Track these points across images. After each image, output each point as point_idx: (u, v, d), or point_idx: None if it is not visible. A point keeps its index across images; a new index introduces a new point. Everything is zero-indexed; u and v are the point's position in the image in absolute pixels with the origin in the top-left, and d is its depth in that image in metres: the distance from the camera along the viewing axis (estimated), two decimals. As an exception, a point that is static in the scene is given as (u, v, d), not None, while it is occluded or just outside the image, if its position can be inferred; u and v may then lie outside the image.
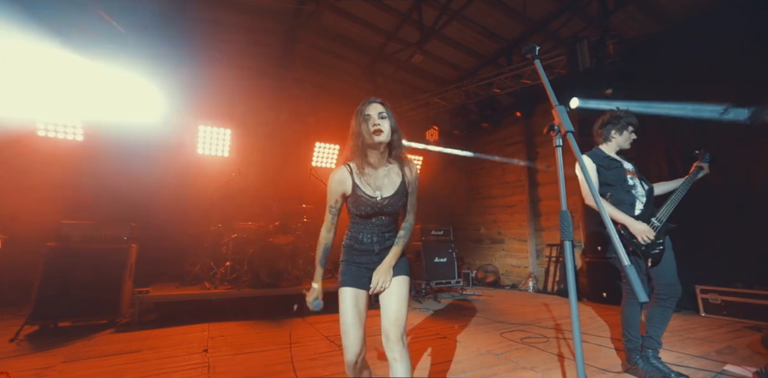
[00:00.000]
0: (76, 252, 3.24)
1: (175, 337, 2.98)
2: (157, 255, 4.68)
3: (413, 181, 1.53)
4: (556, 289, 5.47)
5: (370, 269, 1.47)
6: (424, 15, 4.75)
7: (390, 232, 1.53)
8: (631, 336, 2.11)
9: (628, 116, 2.26)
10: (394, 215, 1.53)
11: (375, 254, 1.49)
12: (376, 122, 1.40)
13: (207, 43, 5.30)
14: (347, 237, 1.54)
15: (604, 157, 2.24)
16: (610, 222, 0.91)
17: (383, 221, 1.51)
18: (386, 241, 1.52)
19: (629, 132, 2.27)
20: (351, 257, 1.50)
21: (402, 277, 1.46)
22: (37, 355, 2.51)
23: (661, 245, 2.05)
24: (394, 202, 1.47)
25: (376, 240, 1.49)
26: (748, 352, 2.47)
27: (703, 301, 3.66)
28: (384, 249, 1.51)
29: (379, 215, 1.48)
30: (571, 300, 0.94)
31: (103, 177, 4.70)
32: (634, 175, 2.24)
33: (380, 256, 1.49)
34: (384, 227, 1.51)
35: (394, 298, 1.40)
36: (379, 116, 1.43)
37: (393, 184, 1.48)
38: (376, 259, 1.48)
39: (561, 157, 1.04)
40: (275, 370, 2.22)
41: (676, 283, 2.06)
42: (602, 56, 4.09)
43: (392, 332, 1.33)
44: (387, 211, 1.47)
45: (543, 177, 6.16)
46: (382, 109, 1.45)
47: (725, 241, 3.58)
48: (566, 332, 3.07)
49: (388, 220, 1.52)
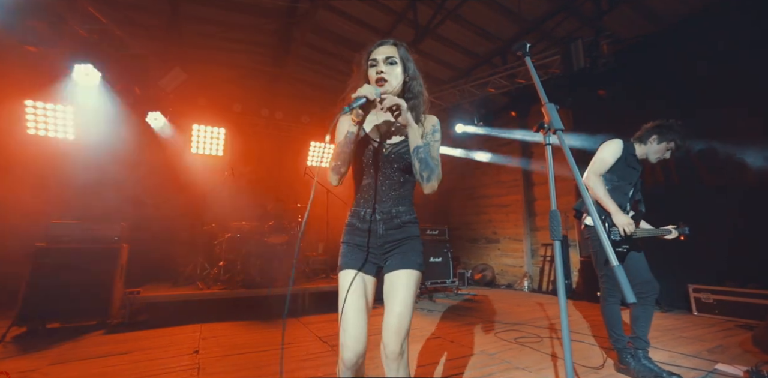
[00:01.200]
0: (65, 252, 3.19)
1: (166, 339, 2.94)
2: (149, 255, 4.63)
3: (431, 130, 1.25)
4: (551, 289, 5.49)
5: (376, 254, 1.23)
6: (418, 14, 4.74)
7: (402, 207, 1.25)
8: (616, 335, 2.12)
9: (678, 133, 2.14)
10: (404, 175, 1.25)
11: (379, 236, 1.22)
12: (380, 69, 1.17)
13: (201, 42, 5.25)
14: (350, 214, 1.31)
15: (633, 154, 2.22)
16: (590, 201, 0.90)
17: (392, 185, 1.23)
18: (393, 218, 1.23)
19: (667, 148, 2.18)
20: (352, 238, 1.26)
21: (412, 272, 1.19)
22: (23, 357, 2.46)
23: (626, 249, 2.09)
24: (401, 151, 1.22)
25: (380, 217, 1.22)
26: (739, 351, 2.49)
27: (695, 300, 3.68)
28: (391, 229, 1.22)
29: (384, 168, 1.23)
30: (560, 299, 0.93)
31: (94, 176, 4.64)
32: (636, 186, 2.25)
33: (386, 238, 1.22)
34: (394, 196, 1.24)
35: (399, 299, 1.15)
36: (386, 62, 1.18)
37: (402, 133, 1.24)
38: (380, 241, 1.22)
39: (551, 155, 1.03)
40: (267, 371, 2.20)
41: (651, 280, 2.07)
42: (596, 56, 4.10)
43: (391, 345, 1.10)
44: (393, 161, 1.22)
45: (538, 177, 6.18)
46: (393, 52, 1.19)
47: (717, 241, 3.60)
48: (560, 332, 3.07)
49: (397, 182, 1.24)
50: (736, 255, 3.52)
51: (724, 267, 3.61)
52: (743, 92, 3.51)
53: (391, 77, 1.17)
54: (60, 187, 4.42)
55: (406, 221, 1.25)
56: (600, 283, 2.21)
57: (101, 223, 3.49)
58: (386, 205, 1.24)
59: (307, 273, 4.95)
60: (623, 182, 2.19)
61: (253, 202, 5.58)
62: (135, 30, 4.61)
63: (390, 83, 1.17)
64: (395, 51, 1.20)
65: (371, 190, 1.25)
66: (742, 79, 3.53)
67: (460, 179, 7.67)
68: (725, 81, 3.63)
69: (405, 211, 1.26)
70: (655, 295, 2.06)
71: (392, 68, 1.19)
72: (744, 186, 3.52)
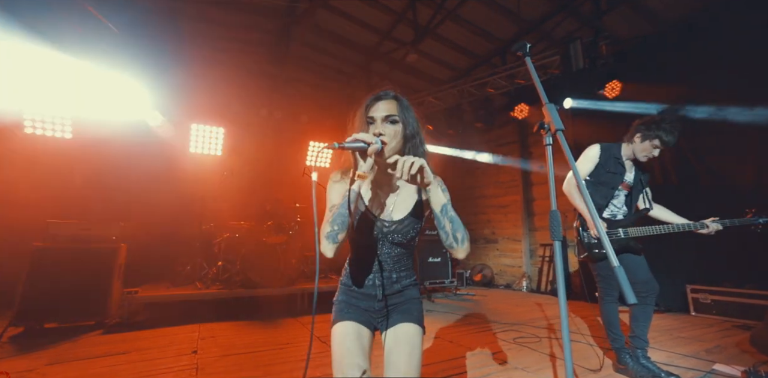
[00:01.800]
0: (63, 252, 3.17)
1: (165, 339, 2.93)
2: (147, 255, 4.61)
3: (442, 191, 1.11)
4: (549, 289, 5.49)
5: (374, 317, 1.14)
6: (418, 14, 4.74)
7: (403, 272, 1.17)
8: (614, 335, 2.13)
9: (663, 130, 2.05)
10: (405, 248, 1.16)
11: (378, 301, 1.14)
12: (378, 131, 1.04)
13: (199, 41, 5.24)
14: (344, 273, 1.22)
15: (614, 157, 2.19)
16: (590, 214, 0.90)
17: (391, 255, 1.14)
18: (394, 283, 1.15)
19: (652, 146, 2.09)
20: (349, 299, 1.17)
21: (414, 326, 1.10)
22: (20, 357, 2.45)
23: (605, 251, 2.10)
24: (404, 230, 1.11)
25: (379, 283, 1.13)
26: (737, 351, 2.50)
27: (693, 300, 3.69)
28: (392, 294, 1.14)
29: (383, 244, 1.14)
30: (560, 300, 0.93)
31: (92, 175, 4.62)
32: (627, 188, 2.22)
33: (384, 303, 1.14)
34: (393, 264, 1.15)
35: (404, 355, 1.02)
36: (386, 120, 1.06)
37: (405, 205, 1.13)
38: (379, 306, 1.14)
39: (551, 155, 1.02)
40: (266, 371, 2.20)
41: (650, 280, 2.07)
42: (595, 57, 4.11)
43: None
44: (394, 239, 1.12)
45: (537, 177, 6.19)
46: (393, 108, 1.07)
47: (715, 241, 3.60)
48: (558, 332, 3.08)
49: (397, 254, 1.15)
50: (734, 255, 3.53)
51: (721, 268, 3.62)
52: (743, 92, 3.52)
53: (391, 138, 1.05)
54: (58, 187, 4.40)
55: (406, 285, 1.18)
56: (598, 283, 2.22)
57: (99, 223, 3.48)
58: (386, 272, 1.15)
59: (306, 273, 4.94)
60: (604, 187, 2.19)
61: (251, 201, 5.57)
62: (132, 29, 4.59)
63: (389, 145, 1.04)
64: (395, 107, 1.07)
65: (369, 258, 1.16)
66: (741, 80, 3.54)
67: (459, 179, 7.68)
68: (723, 81, 3.64)
69: (405, 276, 1.18)
70: (654, 295, 2.07)
71: (391, 128, 1.06)
72: (742, 186, 3.54)
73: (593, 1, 4.17)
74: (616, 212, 2.24)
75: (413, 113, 1.12)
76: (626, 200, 2.23)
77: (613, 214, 2.23)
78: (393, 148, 1.06)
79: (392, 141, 1.05)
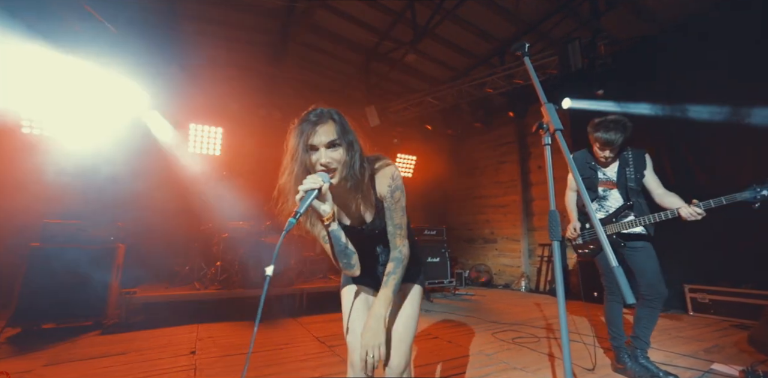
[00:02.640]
0: (60, 252, 3.16)
1: (163, 339, 2.92)
2: (145, 255, 4.59)
3: (388, 192, 1.12)
4: (548, 289, 5.50)
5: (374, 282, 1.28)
6: (417, 14, 4.74)
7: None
8: (615, 333, 2.14)
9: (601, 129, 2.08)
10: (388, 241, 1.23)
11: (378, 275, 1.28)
12: (323, 161, 1.01)
13: (198, 41, 5.22)
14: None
15: (585, 162, 2.28)
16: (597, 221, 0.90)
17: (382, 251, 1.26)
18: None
19: (598, 146, 2.14)
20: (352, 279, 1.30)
21: (416, 286, 1.24)
22: (17, 358, 2.44)
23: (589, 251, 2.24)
24: (378, 229, 1.20)
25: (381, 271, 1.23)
26: (735, 351, 2.50)
27: (691, 300, 3.70)
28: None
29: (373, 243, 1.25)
30: (559, 300, 0.93)
31: (89, 176, 4.60)
32: (611, 186, 2.20)
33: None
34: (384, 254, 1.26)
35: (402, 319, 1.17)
36: (329, 147, 1.02)
37: (371, 205, 1.17)
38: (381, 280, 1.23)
39: (550, 155, 1.02)
40: (264, 372, 2.19)
41: (657, 284, 2.04)
42: (593, 57, 4.11)
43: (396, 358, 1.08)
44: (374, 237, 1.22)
45: (535, 177, 6.19)
46: (333, 132, 1.02)
47: (713, 241, 3.62)
48: (557, 332, 3.08)
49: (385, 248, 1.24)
50: (732, 255, 3.54)
51: (719, 267, 3.63)
52: (738, 93, 3.53)
53: (340, 164, 1.03)
54: (55, 187, 4.38)
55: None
56: (604, 283, 2.22)
57: (97, 223, 3.47)
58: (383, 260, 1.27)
59: (305, 273, 4.94)
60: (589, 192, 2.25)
61: (250, 202, 5.57)
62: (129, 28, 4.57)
63: (338, 170, 1.03)
64: (334, 130, 1.02)
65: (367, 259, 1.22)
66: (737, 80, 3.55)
67: (458, 179, 7.69)
68: (720, 82, 3.65)
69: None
70: (660, 299, 2.04)
71: (337, 152, 1.02)
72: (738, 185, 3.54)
73: (591, 2, 4.17)
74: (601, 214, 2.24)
75: (349, 126, 1.08)
76: (622, 197, 2.21)
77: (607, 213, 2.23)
78: (341, 171, 1.03)
79: (340, 167, 1.03)
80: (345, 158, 1.03)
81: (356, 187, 1.09)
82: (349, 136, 1.05)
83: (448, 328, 3.27)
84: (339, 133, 1.02)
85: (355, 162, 1.05)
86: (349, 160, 1.04)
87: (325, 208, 1.00)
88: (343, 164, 1.03)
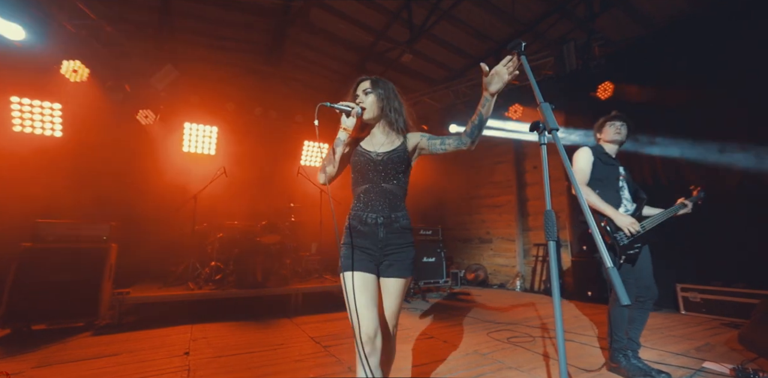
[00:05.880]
0: (52, 252, 3.12)
1: (156, 340, 2.89)
2: (138, 255, 4.55)
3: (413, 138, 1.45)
4: (542, 288, 5.53)
5: (376, 256, 1.35)
6: (413, 14, 4.74)
7: (399, 212, 1.40)
8: (617, 337, 2.11)
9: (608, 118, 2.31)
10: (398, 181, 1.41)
11: (379, 239, 1.35)
12: (357, 100, 1.42)
13: (193, 39, 5.18)
14: (349, 216, 1.41)
15: (603, 152, 2.28)
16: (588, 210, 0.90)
17: (389, 190, 1.38)
18: (393, 222, 1.37)
19: (610, 125, 2.29)
20: (353, 240, 1.36)
21: (406, 280, 1.40)
22: (6, 360, 2.40)
23: (638, 248, 2.07)
24: (394, 159, 1.39)
25: (381, 221, 1.35)
26: (726, 349, 2.54)
27: (683, 299, 3.74)
28: (391, 233, 1.36)
29: (377, 178, 1.39)
30: (554, 299, 0.93)
31: (83, 174, 4.55)
32: (625, 178, 2.28)
33: (386, 242, 1.35)
34: (390, 200, 1.38)
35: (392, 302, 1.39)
36: (364, 93, 1.43)
37: (391, 145, 1.43)
38: (381, 244, 1.35)
39: (545, 155, 1.03)
40: (259, 372, 2.18)
41: (652, 286, 2.09)
42: (588, 58, 4.15)
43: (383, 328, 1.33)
44: (386, 168, 1.38)
45: (531, 177, 6.23)
46: (368, 85, 1.44)
47: (705, 241, 3.67)
48: (552, 331, 3.10)
49: (393, 188, 1.39)
50: (723, 255, 3.59)
51: (711, 266, 3.68)
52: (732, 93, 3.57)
53: (369, 105, 1.41)
54: (47, 186, 4.31)
55: (404, 226, 1.40)
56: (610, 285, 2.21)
57: (89, 223, 3.42)
58: (386, 210, 1.37)
59: (300, 273, 4.92)
60: (608, 180, 2.21)
61: (245, 201, 5.53)
62: (126, 26, 4.53)
63: (368, 109, 1.40)
64: (370, 84, 1.44)
65: (367, 192, 1.39)
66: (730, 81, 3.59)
67: (454, 179, 7.70)
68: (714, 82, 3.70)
69: (402, 216, 1.41)
70: (653, 301, 2.08)
71: (368, 97, 1.42)
72: (728, 186, 3.59)
73: (586, 4, 4.21)
74: (629, 206, 2.22)
75: (391, 88, 1.47)
76: (630, 191, 2.25)
77: (627, 210, 2.20)
78: (372, 111, 1.41)
79: (370, 106, 1.40)
80: (376, 103, 1.42)
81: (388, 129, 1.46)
82: (380, 90, 1.43)
83: (443, 328, 3.27)
84: (371, 86, 1.44)
85: (385, 107, 1.43)
86: (378, 104, 1.42)
87: (347, 122, 1.35)
88: (373, 106, 1.41)
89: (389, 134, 1.46)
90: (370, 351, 1.22)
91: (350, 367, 2.19)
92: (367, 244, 1.35)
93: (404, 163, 1.42)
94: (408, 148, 1.44)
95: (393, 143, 1.44)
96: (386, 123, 1.45)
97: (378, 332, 1.24)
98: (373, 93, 1.42)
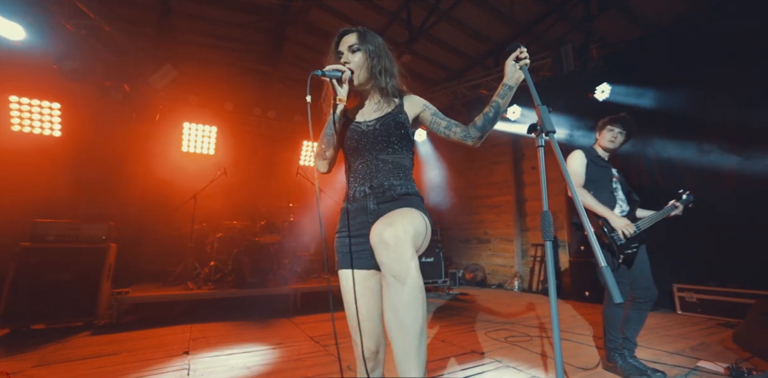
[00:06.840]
0: (51, 252, 3.12)
1: (155, 339, 2.90)
2: (137, 255, 4.56)
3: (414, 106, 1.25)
4: (540, 289, 5.56)
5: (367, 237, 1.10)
6: (412, 15, 4.76)
7: (398, 180, 1.17)
8: (612, 336, 2.14)
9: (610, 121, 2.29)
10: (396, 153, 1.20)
11: (369, 213, 1.15)
12: (342, 60, 1.19)
13: (192, 39, 5.18)
14: (344, 200, 1.25)
15: (596, 155, 2.31)
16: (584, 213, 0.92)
17: (387, 160, 1.17)
18: (386, 191, 1.15)
19: (608, 131, 2.29)
20: (344, 224, 1.19)
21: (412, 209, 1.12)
22: (5, 359, 2.40)
23: (635, 248, 2.08)
24: (388, 124, 1.18)
25: (370, 191, 1.15)
26: (721, 348, 2.56)
27: (679, 299, 3.77)
28: (383, 203, 1.14)
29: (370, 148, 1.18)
30: (551, 299, 0.95)
31: (82, 174, 4.54)
32: (618, 180, 2.30)
33: (377, 214, 1.13)
34: (387, 171, 1.17)
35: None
36: (348, 49, 1.18)
37: (383, 112, 1.23)
38: (372, 219, 1.13)
39: (543, 157, 1.05)
40: (257, 371, 2.19)
41: (651, 286, 2.10)
42: (586, 60, 4.17)
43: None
44: (381, 136, 1.17)
45: (529, 178, 6.25)
46: (354, 39, 1.18)
47: (701, 241, 3.70)
48: (549, 331, 3.12)
49: (389, 159, 1.18)
50: (719, 255, 3.62)
51: (707, 267, 3.71)
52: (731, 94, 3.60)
53: (358, 66, 1.18)
54: (47, 186, 4.31)
55: (401, 194, 1.16)
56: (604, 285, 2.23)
57: (88, 223, 3.42)
58: (377, 180, 1.17)
59: (299, 273, 4.93)
60: (602, 181, 2.24)
61: (244, 201, 5.54)
62: (125, 26, 4.52)
63: (356, 72, 1.18)
64: (356, 38, 1.20)
65: (362, 168, 1.20)
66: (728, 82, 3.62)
67: (452, 179, 7.72)
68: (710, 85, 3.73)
69: (400, 185, 1.17)
70: (652, 302, 2.08)
71: (355, 55, 1.19)
72: (724, 186, 3.62)
73: (584, 5, 4.23)
74: (624, 207, 2.24)
75: (381, 43, 1.23)
76: (624, 192, 2.28)
77: (623, 210, 2.22)
78: (360, 75, 1.19)
79: (358, 69, 1.18)
80: (366, 63, 1.19)
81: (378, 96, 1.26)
82: (370, 45, 1.19)
83: (441, 327, 3.29)
84: (357, 42, 1.19)
85: (375, 68, 1.20)
86: (368, 65, 1.19)
87: (342, 92, 1.13)
88: (362, 66, 1.18)
89: (380, 101, 1.26)
90: (373, 367, 1.12)
91: (349, 365, 2.20)
92: (356, 224, 1.17)
93: (402, 127, 1.20)
94: (405, 111, 1.24)
95: (385, 109, 1.24)
96: (377, 89, 1.24)
97: (382, 346, 1.13)
98: (361, 50, 1.18)
